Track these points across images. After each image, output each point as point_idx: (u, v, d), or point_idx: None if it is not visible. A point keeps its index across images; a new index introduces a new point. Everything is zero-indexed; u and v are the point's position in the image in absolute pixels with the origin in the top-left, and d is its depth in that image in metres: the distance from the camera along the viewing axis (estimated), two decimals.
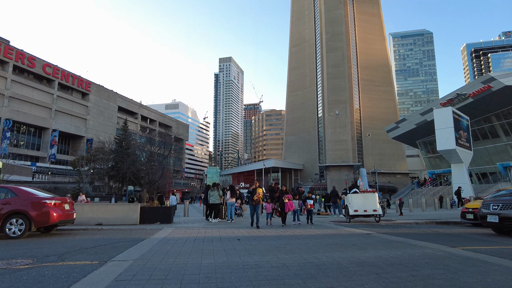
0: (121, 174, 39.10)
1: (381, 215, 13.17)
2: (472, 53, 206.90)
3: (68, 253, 5.24)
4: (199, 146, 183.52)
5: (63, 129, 67.74)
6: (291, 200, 11.75)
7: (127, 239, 7.35)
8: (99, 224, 11.10)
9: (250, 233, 8.58)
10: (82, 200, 15.86)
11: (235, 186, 16.38)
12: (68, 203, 8.55)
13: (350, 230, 9.60)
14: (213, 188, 13.80)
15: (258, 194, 11.05)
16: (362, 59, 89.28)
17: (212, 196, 13.52)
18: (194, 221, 13.77)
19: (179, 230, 9.55)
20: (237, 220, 14.59)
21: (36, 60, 64.66)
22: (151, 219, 11.90)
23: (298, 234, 8.50)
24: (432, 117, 41.28)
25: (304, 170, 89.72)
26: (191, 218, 16.43)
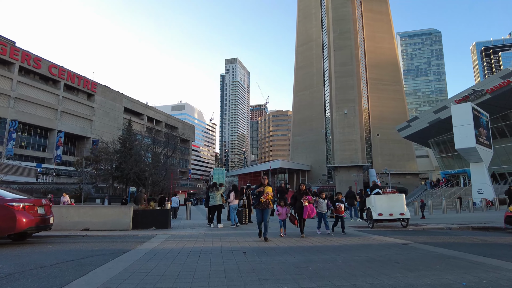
0: (125, 175, 38.07)
1: (409, 219, 11.57)
2: (482, 52, 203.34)
3: (11, 275, 3.85)
4: (206, 147, 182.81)
5: (68, 130, 67.29)
6: (311, 203, 9.18)
7: (107, 251, 6.06)
8: (86, 230, 9.81)
9: (260, 244, 7.23)
10: (66, 202, 14.11)
11: (243, 187, 15.05)
12: (43, 206, 7.18)
13: (380, 238, 8.18)
14: (212, 189, 12.31)
15: (266, 195, 8.14)
16: (371, 58, 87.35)
17: (212, 198, 12.07)
18: (195, 226, 12.45)
19: (174, 238, 8.24)
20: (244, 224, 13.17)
21: (42, 61, 64.39)
22: (145, 224, 10.57)
23: (319, 245, 7.07)
24: (446, 115, 39.58)
25: (311, 171, 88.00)
26: (193, 221, 15.08)
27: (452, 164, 46.11)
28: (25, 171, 50.05)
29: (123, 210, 10.55)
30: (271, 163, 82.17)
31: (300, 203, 8.99)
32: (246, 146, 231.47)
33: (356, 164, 73.06)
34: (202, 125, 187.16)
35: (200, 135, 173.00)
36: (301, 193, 9.23)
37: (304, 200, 8.96)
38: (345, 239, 8.20)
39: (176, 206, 18.55)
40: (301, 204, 8.95)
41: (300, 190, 9.32)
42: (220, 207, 12.19)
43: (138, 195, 15.00)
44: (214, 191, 12.00)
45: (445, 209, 20.37)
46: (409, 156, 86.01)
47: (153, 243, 6.86)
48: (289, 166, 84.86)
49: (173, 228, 11.10)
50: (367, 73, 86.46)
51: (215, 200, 11.91)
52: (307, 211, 8.93)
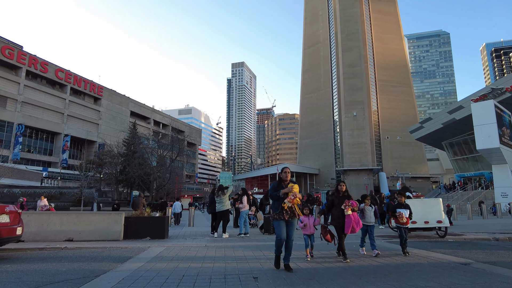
0: (129, 179, 37.04)
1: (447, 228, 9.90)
2: (492, 53, 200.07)
3: None
4: (212, 151, 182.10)
5: (75, 134, 66.92)
6: (356, 210, 6.43)
7: (76, 273, 4.78)
8: (69, 240, 8.50)
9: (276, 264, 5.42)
10: (44, 207, 12.13)
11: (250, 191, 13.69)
12: (8, 214, 5.88)
13: (426, 255, 6.50)
14: (218, 193, 10.51)
15: (293, 197, 5.31)
16: (379, 59, 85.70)
17: (218, 202, 10.46)
18: (196, 235, 10.93)
19: (168, 252, 6.76)
20: (251, 232, 11.54)
21: (48, 65, 64.34)
22: (139, 233, 9.25)
23: (355, 266, 5.47)
24: (461, 115, 37.81)
25: (319, 174, 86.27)
26: (196, 229, 13.74)
27: (467, 167, 44.15)
28: (31, 175, 49.53)
29: (113, 217, 9.16)
30: (279, 167, 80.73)
31: (340, 211, 6.24)
32: (252, 150, 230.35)
33: (366, 167, 71.17)
34: (209, 129, 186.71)
35: (207, 139, 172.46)
36: (340, 197, 6.43)
37: (347, 207, 6.16)
38: (387, 258, 6.45)
39: (179, 212, 17.27)
40: (342, 212, 6.21)
41: (339, 192, 6.52)
42: (227, 213, 10.59)
43: (135, 199, 13.54)
44: (220, 195, 10.39)
45: (470, 215, 18.71)
46: (420, 159, 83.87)
47: (139, 262, 5.53)
48: (297, 170, 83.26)
49: (170, 238, 9.77)
50: (376, 74, 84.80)
51: (222, 205, 10.34)
52: (351, 223, 6.10)
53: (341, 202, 6.32)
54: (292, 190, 5.26)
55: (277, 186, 5.43)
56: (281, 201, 5.25)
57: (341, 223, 6.25)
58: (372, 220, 7.18)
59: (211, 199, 11.03)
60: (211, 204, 11.07)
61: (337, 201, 6.45)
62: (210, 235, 10.73)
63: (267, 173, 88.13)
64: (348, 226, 6.11)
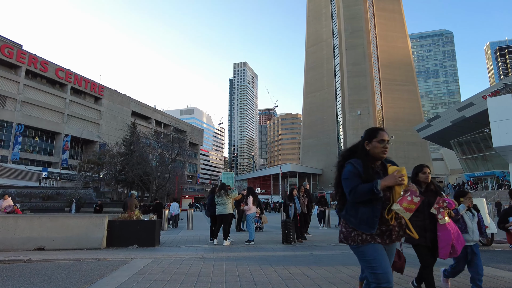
0: (128, 179, 36.03)
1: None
2: (497, 52, 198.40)
3: None
4: (214, 152, 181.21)
5: (75, 134, 66.14)
6: (452, 215, 3.55)
7: None
8: (39, 249, 7.18)
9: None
10: (8, 207, 10.27)
11: None
12: None
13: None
14: (220, 193, 9.02)
15: (409, 194, 2.35)
16: (383, 58, 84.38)
17: (220, 204, 8.99)
18: (193, 242, 9.44)
19: (154, 267, 5.34)
20: (256, 237, 9.79)
21: (48, 65, 63.68)
22: (125, 240, 7.86)
23: None
24: (471, 113, 36.50)
25: (323, 174, 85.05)
26: (194, 233, 12.51)
27: (476, 166, 42.77)
28: (30, 176, 48.76)
29: (94, 221, 7.70)
30: (282, 167, 79.56)
31: (426, 217, 3.40)
32: (255, 150, 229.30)
33: None
34: (211, 129, 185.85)
35: (208, 139, 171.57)
36: (425, 192, 3.47)
37: (441, 210, 3.33)
38: None
39: (177, 214, 16.05)
40: (430, 219, 3.41)
41: (422, 184, 3.55)
42: (229, 217, 9.11)
43: (126, 200, 12.36)
44: (222, 195, 8.95)
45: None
46: (425, 158, 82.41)
47: (110, 285, 4.15)
48: (300, 170, 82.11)
49: (162, 246, 8.34)
50: (380, 73, 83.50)
51: (224, 207, 8.89)
52: (450, 240, 3.34)
53: (429, 203, 3.37)
54: (403, 178, 2.30)
55: (364, 169, 2.47)
56: (379, 206, 2.39)
57: (428, 240, 3.41)
58: (476, 236, 3.94)
59: (211, 200, 9.61)
60: (210, 205, 9.62)
61: (427, 200, 3.39)
62: (209, 242, 9.44)
63: (270, 173, 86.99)
64: (446, 246, 3.31)
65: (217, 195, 9.07)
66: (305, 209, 10.41)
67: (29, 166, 56.43)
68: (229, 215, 9.05)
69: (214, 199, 9.22)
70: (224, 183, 9.71)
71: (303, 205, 10.34)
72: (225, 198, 8.95)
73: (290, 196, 10.21)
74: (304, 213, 10.40)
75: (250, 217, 9.41)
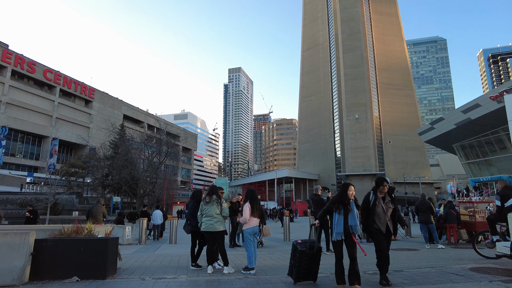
0: (115, 184, 33.78)
1: None
2: (490, 59, 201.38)
3: None
4: (209, 157, 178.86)
5: (64, 137, 63.67)
6: None
7: None
8: None
9: None
10: None
11: None
12: None
13: None
14: (209, 198, 6.34)
15: None
16: (380, 61, 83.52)
17: (207, 216, 6.19)
18: (168, 268, 6.67)
19: None
20: (259, 259, 7.18)
21: (36, 65, 61.50)
22: (59, 269, 5.23)
23: None
24: (477, 114, 35.10)
25: (319, 180, 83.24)
26: (176, 250, 9.96)
27: (481, 171, 41.36)
28: (11, 181, 46.33)
29: (10, 241, 4.94)
30: (277, 172, 77.61)
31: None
32: (249, 156, 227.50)
33: (369, 172, 68.30)
34: (205, 134, 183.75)
35: (203, 144, 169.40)
36: None
37: None
38: None
39: (159, 223, 13.44)
40: None
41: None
42: (221, 236, 6.27)
43: (91, 208, 9.72)
44: (212, 203, 6.22)
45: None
46: (423, 164, 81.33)
47: None
48: (296, 175, 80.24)
49: (118, 277, 5.58)
50: (377, 77, 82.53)
51: (215, 221, 6.12)
52: None
53: None
54: None
55: None
56: None
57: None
58: None
59: (193, 208, 6.69)
60: (192, 216, 6.68)
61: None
62: (191, 269, 6.51)
63: (265, 178, 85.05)
64: None
65: (205, 201, 6.27)
66: (384, 225, 4.97)
67: (13, 171, 53.93)
68: (221, 233, 6.19)
69: (198, 207, 6.46)
70: (215, 186, 6.73)
71: (384, 216, 4.97)
72: (216, 206, 6.16)
73: (339, 200, 4.75)
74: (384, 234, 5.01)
75: (248, 234, 6.21)
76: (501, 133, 36.57)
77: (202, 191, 7.14)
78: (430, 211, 9.82)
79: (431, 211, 9.87)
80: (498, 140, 37.29)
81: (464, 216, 9.87)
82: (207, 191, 6.55)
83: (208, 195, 6.37)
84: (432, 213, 9.85)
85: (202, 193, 6.96)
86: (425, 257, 7.91)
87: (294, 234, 15.06)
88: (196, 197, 6.90)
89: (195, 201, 6.81)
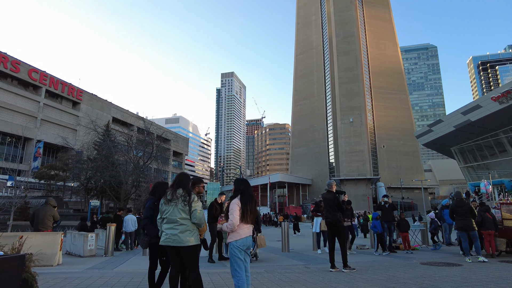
0: (98, 187, 31.63)
1: None
2: (479, 66, 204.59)
3: None
4: (200, 162, 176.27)
5: (49, 140, 61.07)
6: None
7: None
8: None
9: None
10: None
11: None
12: None
13: None
14: (171, 194, 3.98)
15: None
16: (374, 65, 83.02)
17: (168, 223, 3.92)
18: None
19: None
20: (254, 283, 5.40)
21: (20, 65, 59.09)
22: None
23: None
24: (478, 116, 34.06)
25: (313, 185, 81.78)
26: (144, 267, 6.48)
27: (480, 175, 40.30)
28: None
29: None
30: (270, 177, 75.81)
31: None
32: (242, 161, 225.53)
33: (364, 176, 67.00)
34: (197, 139, 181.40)
35: (195, 149, 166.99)
36: None
37: None
38: None
39: (132, 231, 11.27)
40: None
41: None
42: (191, 253, 3.92)
43: (37, 210, 7.66)
44: (176, 201, 3.93)
45: None
46: (417, 168, 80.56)
47: None
48: (289, 180, 78.54)
49: None
50: (371, 81, 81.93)
51: (177, 230, 3.86)
52: None
53: None
54: None
55: None
56: None
57: None
58: None
59: (150, 209, 4.48)
60: (150, 223, 4.42)
61: None
62: None
63: (258, 183, 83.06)
64: None
65: (166, 198, 4.01)
66: None
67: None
68: (192, 249, 3.90)
69: (160, 209, 4.10)
70: (186, 174, 4.34)
71: None
72: (183, 209, 3.90)
73: None
74: None
75: (236, 249, 3.89)
76: (501, 135, 35.62)
77: (167, 184, 4.83)
78: (471, 214, 7.94)
79: (472, 214, 7.97)
80: (498, 143, 36.33)
81: (508, 221, 8.03)
82: (171, 184, 4.21)
83: (172, 191, 4.02)
84: (473, 216, 7.99)
85: (166, 186, 4.67)
86: (484, 278, 5.95)
87: (293, 241, 13.35)
88: (158, 193, 4.56)
89: (157, 198, 4.49)
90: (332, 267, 6.49)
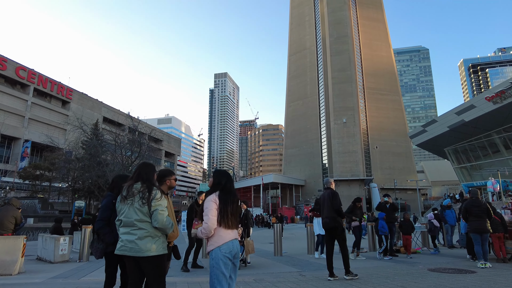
0: (86, 188, 30.62)
1: None
2: (470, 69, 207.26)
3: None
4: (193, 163, 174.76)
5: (37, 139, 59.54)
6: None
7: None
8: None
9: None
10: None
11: None
12: None
13: None
14: (126, 190, 3.10)
15: None
16: (367, 66, 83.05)
17: (124, 226, 3.08)
18: None
19: None
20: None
21: (7, 62, 57.62)
22: None
23: None
24: (472, 116, 33.95)
25: (306, 186, 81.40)
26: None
27: (473, 176, 40.28)
28: None
29: None
30: (264, 177, 75.17)
31: None
32: (235, 161, 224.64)
33: (357, 177, 66.80)
34: (190, 139, 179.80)
35: (187, 150, 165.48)
36: None
37: None
38: None
39: None
40: None
41: None
42: (154, 265, 3.05)
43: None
44: (133, 198, 3.07)
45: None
46: (410, 169, 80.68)
47: None
48: (282, 181, 78.02)
49: None
50: (364, 81, 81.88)
51: (135, 236, 3.00)
52: None
53: None
54: None
55: None
56: None
57: None
58: None
59: (107, 209, 3.66)
60: (106, 224, 3.60)
61: None
62: None
63: (251, 184, 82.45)
64: None
65: (122, 195, 3.16)
66: None
67: None
68: (155, 260, 3.04)
69: (117, 209, 3.22)
70: (149, 164, 3.43)
71: None
72: (140, 209, 3.05)
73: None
74: None
75: (218, 258, 3.02)
76: (494, 136, 35.58)
77: (126, 177, 3.72)
78: (487, 216, 7.28)
79: (488, 215, 7.31)
80: (491, 144, 36.29)
81: None
82: (131, 176, 3.28)
83: (130, 184, 3.18)
84: (490, 217, 7.32)
85: (125, 179, 3.60)
86: None
87: (286, 244, 12.70)
88: (117, 188, 3.54)
89: (115, 194, 3.58)
90: (331, 275, 5.79)
